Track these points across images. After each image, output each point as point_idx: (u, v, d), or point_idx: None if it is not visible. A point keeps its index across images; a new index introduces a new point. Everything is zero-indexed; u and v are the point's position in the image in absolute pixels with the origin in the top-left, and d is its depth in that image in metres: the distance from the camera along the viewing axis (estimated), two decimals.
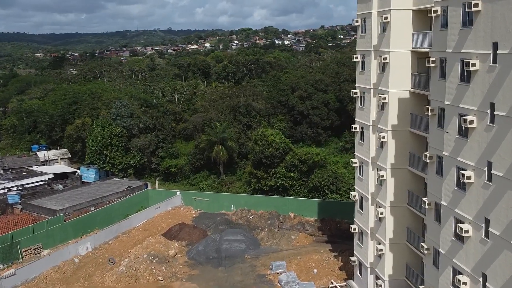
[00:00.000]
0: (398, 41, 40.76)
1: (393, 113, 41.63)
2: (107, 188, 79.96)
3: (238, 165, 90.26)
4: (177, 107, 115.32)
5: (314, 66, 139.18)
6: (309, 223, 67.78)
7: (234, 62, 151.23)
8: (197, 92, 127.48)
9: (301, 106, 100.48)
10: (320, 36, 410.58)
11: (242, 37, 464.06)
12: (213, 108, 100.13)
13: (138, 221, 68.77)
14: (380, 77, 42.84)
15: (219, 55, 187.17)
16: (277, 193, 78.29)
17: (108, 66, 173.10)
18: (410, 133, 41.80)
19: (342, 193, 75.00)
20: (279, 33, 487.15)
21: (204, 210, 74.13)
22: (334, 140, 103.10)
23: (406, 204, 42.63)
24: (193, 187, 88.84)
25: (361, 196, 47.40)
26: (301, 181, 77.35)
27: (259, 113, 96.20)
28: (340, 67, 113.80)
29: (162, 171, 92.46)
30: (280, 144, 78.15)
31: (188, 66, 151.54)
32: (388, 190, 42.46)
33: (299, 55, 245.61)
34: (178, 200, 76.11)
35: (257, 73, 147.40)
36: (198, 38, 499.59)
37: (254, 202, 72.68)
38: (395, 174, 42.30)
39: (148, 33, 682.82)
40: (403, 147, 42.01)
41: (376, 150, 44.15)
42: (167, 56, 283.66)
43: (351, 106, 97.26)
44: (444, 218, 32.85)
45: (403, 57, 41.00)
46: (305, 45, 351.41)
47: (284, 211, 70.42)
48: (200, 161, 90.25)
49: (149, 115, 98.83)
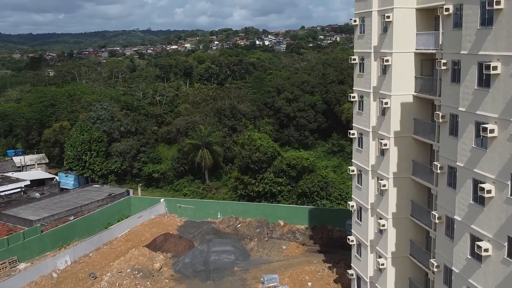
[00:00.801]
0: (401, 42, 38.13)
1: (395, 119, 38.99)
2: (87, 195, 76.29)
3: (223, 170, 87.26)
4: (159, 109, 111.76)
5: (299, 67, 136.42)
6: (299, 231, 65.01)
7: (217, 63, 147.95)
8: (180, 93, 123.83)
9: (287, 108, 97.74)
10: (300, 37, 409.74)
11: (223, 38, 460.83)
12: (197, 111, 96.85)
13: (120, 231, 65.32)
14: (381, 80, 40.19)
15: (201, 56, 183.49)
16: (265, 199, 75.60)
17: (87, 67, 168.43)
18: (414, 140, 39.21)
19: (333, 199, 72.58)
20: (260, 33, 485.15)
21: (189, 218, 70.91)
22: (321, 143, 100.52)
23: (409, 215, 40.04)
24: (177, 193, 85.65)
25: (359, 206, 44.70)
26: (290, 187, 74.74)
27: (245, 116, 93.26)
28: (326, 68, 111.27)
29: (145, 177, 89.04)
30: (268, 148, 75.45)
31: (170, 67, 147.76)
32: (390, 201, 39.80)
33: (281, 55, 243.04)
34: (162, 208, 72.78)
35: (240, 74, 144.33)
36: (178, 39, 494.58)
37: (242, 210, 69.69)
38: (398, 183, 39.66)
39: (127, 34, 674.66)
40: (406, 154, 39.40)
41: (377, 157, 41.48)
42: (147, 57, 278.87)
43: (339, 108, 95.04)
44: (458, 234, 30.23)
45: (406, 59, 38.39)
46: (286, 45, 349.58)
47: (273, 218, 67.56)
48: (184, 166, 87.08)
49: (130, 118, 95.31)
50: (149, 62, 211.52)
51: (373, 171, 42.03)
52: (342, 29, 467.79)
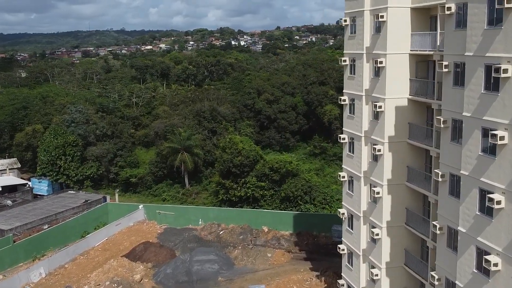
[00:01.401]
0: (395, 43, 36.40)
1: (389, 123, 37.24)
2: (62, 202, 73.18)
3: (203, 173, 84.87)
4: (135, 111, 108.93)
5: (279, 68, 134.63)
6: (284, 237, 63.03)
7: (194, 64, 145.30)
8: (156, 95, 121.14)
9: (268, 110, 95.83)
10: (276, 37, 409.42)
11: (198, 38, 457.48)
12: (175, 113, 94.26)
13: (97, 240, 62.53)
14: (374, 82, 38.41)
15: (177, 57, 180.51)
16: (247, 204, 73.48)
17: (60, 68, 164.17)
18: (409, 145, 37.53)
19: (317, 204, 70.73)
20: (235, 33, 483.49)
21: (169, 225, 68.38)
22: (302, 145, 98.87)
23: (404, 223, 38.35)
24: (155, 198, 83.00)
25: (350, 213, 42.89)
26: (273, 191, 72.69)
27: (225, 118, 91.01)
28: (306, 69, 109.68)
29: (122, 181, 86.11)
30: (250, 152, 73.28)
31: (146, 68, 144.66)
32: (384, 209, 38.05)
33: (257, 56, 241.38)
34: (140, 215, 70.13)
35: (218, 75, 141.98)
36: (152, 39, 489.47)
37: (224, 216, 67.45)
38: (392, 190, 37.94)
39: (100, 34, 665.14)
40: (400, 160, 37.69)
41: (369, 163, 39.71)
42: (122, 57, 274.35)
43: (320, 110, 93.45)
44: (462, 246, 28.53)
45: (401, 60, 36.68)
46: (262, 45, 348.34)
47: (257, 224, 65.47)
48: (163, 170, 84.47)
49: (106, 121, 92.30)
50: (124, 62, 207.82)
51: (365, 178, 40.24)
52: (317, 30, 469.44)
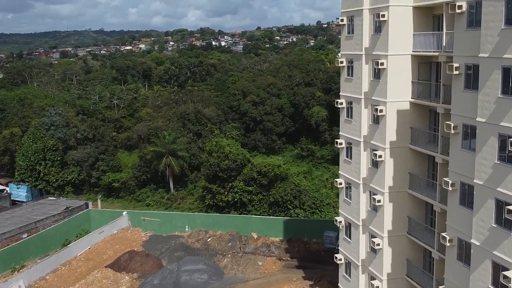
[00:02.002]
0: (397, 43, 34.60)
1: (391, 128, 35.44)
2: (42, 210, 70.25)
3: (189, 178, 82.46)
4: (116, 113, 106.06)
5: (263, 69, 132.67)
6: (274, 244, 61.09)
7: (176, 65, 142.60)
8: (138, 96, 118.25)
9: (254, 112, 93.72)
10: (257, 37, 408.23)
11: (178, 38, 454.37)
12: (159, 115, 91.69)
13: (79, 249, 59.92)
14: (373, 85, 36.58)
15: (159, 57, 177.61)
16: (234, 209, 71.43)
17: (38, 69, 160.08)
18: (410, 150, 35.78)
19: (306, 208, 68.89)
20: (216, 34, 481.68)
21: (155, 232, 66.00)
22: (289, 147, 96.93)
23: (406, 233, 36.59)
24: (139, 203, 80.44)
25: (348, 222, 41.04)
26: (261, 196, 70.71)
27: (210, 121, 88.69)
28: (292, 70, 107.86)
29: (104, 186, 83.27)
30: (237, 155, 71.22)
31: (127, 69, 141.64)
32: (385, 217, 36.25)
33: (239, 56, 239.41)
34: (124, 222, 67.63)
35: (201, 76, 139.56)
36: (132, 39, 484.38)
37: (212, 222, 65.28)
38: (394, 198, 36.16)
39: (79, 34, 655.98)
40: (402, 167, 35.92)
41: (369, 170, 37.87)
42: (101, 58, 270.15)
43: (308, 112, 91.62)
44: (475, 260, 26.81)
45: (403, 62, 34.90)
46: (243, 46, 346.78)
47: (246, 231, 63.43)
48: (147, 174, 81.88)
49: (87, 124, 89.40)
50: (103, 63, 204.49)
51: (364, 185, 38.41)
52: (298, 30, 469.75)
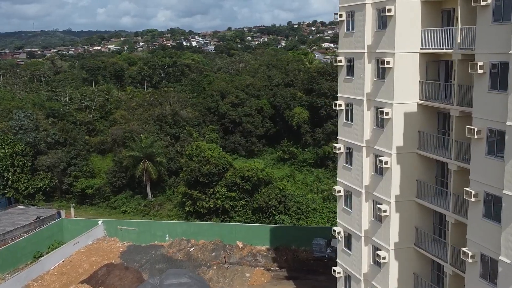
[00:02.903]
0: (404, 40, 31.93)
1: (398, 132, 32.74)
2: (11, 220, 65.78)
3: (166, 183, 78.76)
4: (88, 116, 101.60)
5: (240, 69, 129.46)
6: (261, 253, 58.06)
7: (149, 65, 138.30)
8: (111, 98, 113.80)
9: (233, 114, 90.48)
10: (228, 38, 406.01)
11: (148, 38, 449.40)
12: (134, 118, 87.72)
13: (52, 263, 55.83)
14: (377, 85, 33.83)
15: (131, 57, 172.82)
16: (216, 216, 68.27)
17: (4, 70, 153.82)
18: (418, 156, 33.14)
19: (292, 214, 66.07)
20: (186, 34, 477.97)
21: (133, 242, 62.30)
22: (269, 150, 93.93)
23: (413, 245, 33.95)
24: (114, 211, 76.47)
25: (347, 233, 38.24)
26: (244, 201, 67.65)
27: (188, 123, 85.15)
28: (271, 70, 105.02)
29: (77, 193, 78.95)
30: (219, 160, 68.08)
31: (98, 69, 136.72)
32: (392, 229, 33.54)
33: (211, 57, 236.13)
34: (100, 231, 63.72)
35: (175, 77, 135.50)
36: (101, 39, 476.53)
37: (194, 230, 61.89)
38: (400, 208, 33.47)
39: (46, 34, 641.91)
40: (409, 174, 33.27)
41: (372, 177, 35.12)
42: (69, 58, 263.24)
43: (289, 113, 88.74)
44: (504, 280, 24.22)
45: (410, 60, 32.24)
46: (215, 46, 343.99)
47: (230, 239, 60.25)
48: (122, 179, 77.93)
49: (58, 127, 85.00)
50: (72, 63, 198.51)
51: (367, 193, 35.66)
52: (269, 31, 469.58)
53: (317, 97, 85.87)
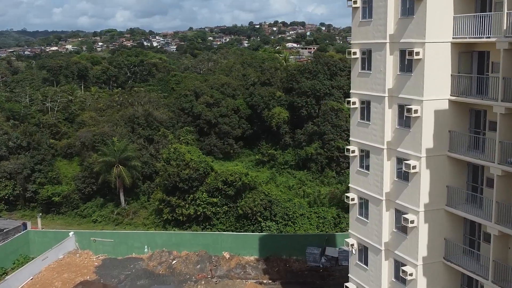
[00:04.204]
0: (436, 28, 28.19)
1: (427, 132, 28.97)
2: None
3: (140, 189, 73.49)
4: (51, 117, 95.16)
5: (210, 68, 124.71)
6: (250, 264, 53.73)
7: (115, 64, 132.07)
8: (74, 99, 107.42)
9: (208, 114, 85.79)
10: (190, 38, 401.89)
11: (107, 39, 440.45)
12: (104, 119, 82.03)
13: (19, 281, 50.07)
14: (402, 80, 29.96)
15: (94, 57, 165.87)
16: (197, 224, 63.70)
17: None
18: (448, 159, 29.45)
19: (278, 220, 62.05)
20: (146, 34, 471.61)
21: (108, 255, 57.02)
22: (246, 152, 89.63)
23: (443, 258, 30.24)
24: (84, 220, 70.85)
25: (363, 245, 34.26)
26: (227, 208, 63.20)
27: (162, 124, 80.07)
28: (245, 69, 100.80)
29: (42, 201, 72.87)
30: (199, 163, 63.44)
31: (60, 69, 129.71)
32: (420, 242, 29.72)
33: (175, 56, 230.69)
34: (71, 244, 58.19)
35: (142, 76, 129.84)
36: (58, 40, 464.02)
37: (175, 241, 57.06)
38: (430, 218, 29.70)
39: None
40: (439, 179, 29.57)
41: (395, 183, 31.23)
42: (25, 59, 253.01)
43: (268, 113, 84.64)
44: None
45: (442, 51, 28.52)
46: (177, 47, 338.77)
47: (216, 250, 55.73)
48: (92, 186, 72.33)
49: (20, 130, 78.76)
50: (29, 64, 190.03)
51: (388, 201, 31.75)
52: (230, 31, 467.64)
53: (298, 96, 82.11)
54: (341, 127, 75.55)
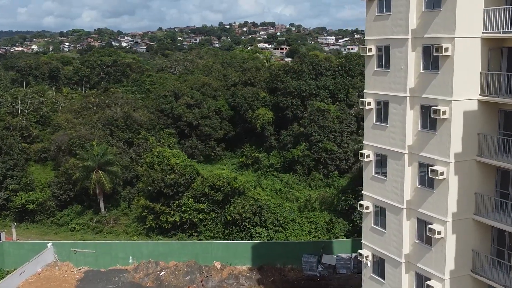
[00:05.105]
0: (466, 22, 25.92)
1: (456, 135, 26.68)
2: None
3: (121, 195, 69.90)
4: (22, 120, 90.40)
5: (186, 68, 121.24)
6: (243, 274, 50.99)
7: (87, 64, 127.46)
8: (46, 100, 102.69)
9: (189, 116, 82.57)
10: (159, 38, 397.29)
11: (74, 39, 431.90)
12: (81, 122, 78.01)
13: None
14: (426, 79, 27.62)
15: (65, 57, 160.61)
16: (182, 231, 60.80)
17: None
18: (477, 164, 27.23)
19: (269, 226, 59.48)
20: (115, 34, 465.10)
21: (90, 267, 53.55)
22: (228, 154, 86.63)
23: (470, 271, 28.02)
24: (61, 229, 66.97)
25: (378, 257, 31.80)
26: (214, 214, 60.30)
27: (142, 127, 76.57)
28: (226, 69, 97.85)
29: (15, 209, 68.59)
30: (185, 168, 60.47)
31: (29, 69, 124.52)
32: (448, 253, 27.40)
33: (145, 57, 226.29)
34: (50, 255, 54.46)
35: (116, 77, 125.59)
36: (23, 40, 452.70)
37: (162, 250, 53.92)
38: (457, 228, 27.42)
39: None
40: (468, 186, 27.33)
41: (417, 191, 28.85)
42: None
43: (251, 114, 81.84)
44: None
45: (472, 47, 26.28)
46: (146, 47, 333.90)
47: (206, 260, 52.83)
48: (69, 192, 68.52)
49: None
50: None
51: (409, 210, 29.36)
52: (200, 31, 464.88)
53: (283, 97, 79.52)
54: (328, 128, 73.29)
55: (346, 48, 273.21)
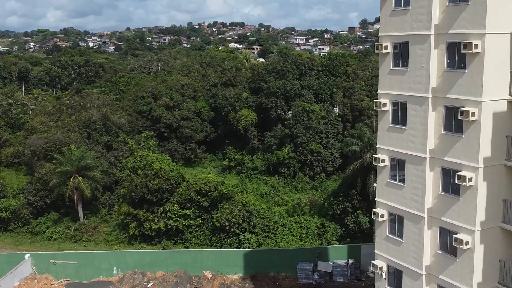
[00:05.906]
0: (496, 17, 24.13)
1: (485, 138, 24.87)
2: None
3: (100, 201, 66.63)
4: None
5: (167, 68, 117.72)
6: (235, 284, 48.63)
7: (58, 64, 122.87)
8: (16, 102, 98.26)
9: (168, 117, 79.61)
10: (127, 38, 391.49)
11: (39, 39, 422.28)
12: (56, 125, 74.26)
13: None
14: (451, 78, 25.74)
15: (33, 57, 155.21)
16: (167, 238, 58.08)
17: None
18: (506, 168, 25.48)
19: (258, 232, 57.23)
20: (82, 34, 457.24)
21: (72, 279, 50.42)
22: (209, 157, 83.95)
23: (497, 283, 26.26)
24: (37, 237, 63.44)
25: (395, 268, 29.82)
26: (201, 220, 57.74)
27: (121, 129, 73.36)
28: (205, 69, 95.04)
29: None
30: (169, 173, 57.81)
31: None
32: (476, 266, 25.56)
33: (115, 57, 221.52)
34: (27, 268, 51.08)
35: (88, 78, 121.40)
36: None
37: (149, 260, 51.10)
38: (485, 237, 25.62)
39: None
40: (496, 192, 25.57)
41: (440, 197, 26.98)
42: None
43: (234, 115, 79.34)
44: None
45: (502, 44, 24.49)
46: (115, 47, 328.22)
47: (196, 269, 50.27)
48: (45, 199, 65.00)
49: None
50: None
51: (431, 218, 27.44)
52: (169, 31, 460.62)
53: (266, 97, 77.31)
54: (314, 129, 71.37)
55: (317, 48, 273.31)
